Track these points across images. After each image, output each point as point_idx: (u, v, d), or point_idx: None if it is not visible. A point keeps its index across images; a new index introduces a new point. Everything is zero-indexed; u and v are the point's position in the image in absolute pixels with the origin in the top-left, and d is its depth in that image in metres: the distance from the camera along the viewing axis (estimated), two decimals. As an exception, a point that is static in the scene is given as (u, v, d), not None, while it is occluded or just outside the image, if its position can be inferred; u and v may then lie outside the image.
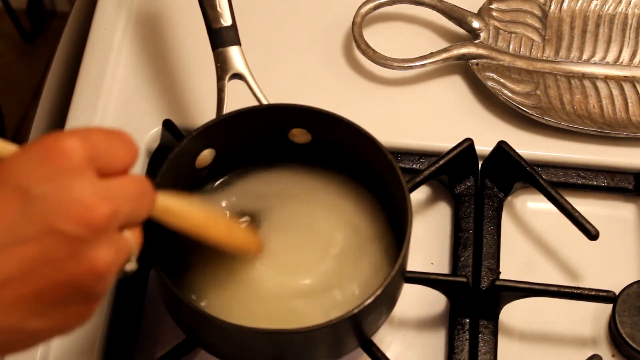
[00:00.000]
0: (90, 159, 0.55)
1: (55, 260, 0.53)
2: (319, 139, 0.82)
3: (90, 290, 0.55)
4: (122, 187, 0.57)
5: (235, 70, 0.85)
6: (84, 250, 0.54)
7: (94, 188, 0.54)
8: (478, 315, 0.83)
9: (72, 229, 0.53)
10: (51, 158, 0.54)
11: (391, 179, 0.77)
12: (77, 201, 0.53)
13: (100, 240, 0.54)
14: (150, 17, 1.00)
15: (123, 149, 0.58)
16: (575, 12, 0.98)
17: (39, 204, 0.53)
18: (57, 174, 0.53)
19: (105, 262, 0.54)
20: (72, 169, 0.54)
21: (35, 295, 0.53)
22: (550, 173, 0.91)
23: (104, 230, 0.54)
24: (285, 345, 0.74)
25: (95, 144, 0.56)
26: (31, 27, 1.81)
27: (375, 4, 0.97)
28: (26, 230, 0.52)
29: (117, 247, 0.56)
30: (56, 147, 0.54)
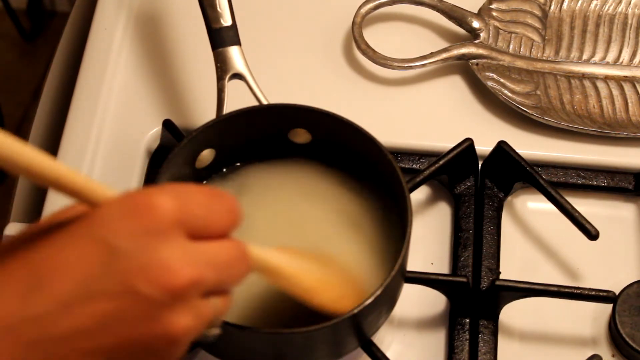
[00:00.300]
0: (182, 221, 0.53)
1: (130, 319, 0.52)
2: (319, 139, 0.82)
3: (162, 353, 0.54)
4: (213, 252, 0.55)
5: (235, 70, 0.85)
6: (160, 314, 0.53)
7: (180, 252, 0.53)
8: (478, 315, 0.83)
9: (150, 291, 0.52)
10: (140, 215, 0.52)
11: (391, 179, 0.77)
12: (159, 264, 0.52)
13: (180, 305, 0.53)
14: (150, 17, 1.00)
15: (223, 211, 0.56)
16: (575, 12, 0.98)
17: (122, 261, 0.52)
18: (144, 233, 0.52)
19: (181, 328, 0.53)
20: (160, 229, 0.52)
21: (106, 350, 0.53)
22: (550, 173, 0.91)
23: (185, 296, 0.53)
24: (285, 345, 0.74)
25: (191, 204, 0.54)
26: (31, 27, 1.81)
27: (375, 4, 0.97)
28: (105, 285, 0.52)
29: (198, 313, 0.54)
30: (147, 204, 0.53)
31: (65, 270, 0.52)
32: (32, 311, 0.51)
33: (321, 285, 0.70)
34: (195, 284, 0.53)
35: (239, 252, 0.57)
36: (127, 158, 0.92)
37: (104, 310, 0.52)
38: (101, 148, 0.92)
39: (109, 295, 0.52)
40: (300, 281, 0.67)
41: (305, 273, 0.68)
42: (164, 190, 0.54)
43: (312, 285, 0.69)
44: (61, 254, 0.52)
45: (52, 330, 0.51)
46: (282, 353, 0.75)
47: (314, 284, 0.69)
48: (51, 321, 0.51)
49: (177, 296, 0.53)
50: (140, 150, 0.92)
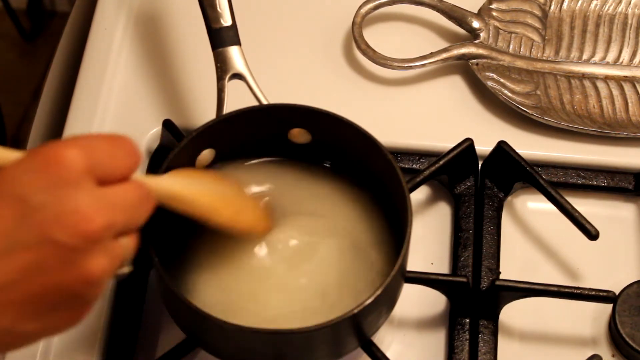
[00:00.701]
0: (90, 169, 0.55)
1: (49, 268, 0.54)
2: (319, 139, 0.82)
3: (82, 296, 0.56)
4: (120, 195, 0.57)
5: (235, 70, 0.85)
6: (77, 259, 0.55)
7: (91, 198, 0.55)
8: (478, 315, 0.83)
9: (66, 238, 0.54)
10: (50, 168, 0.54)
11: (391, 179, 0.77)
12: (73, 212, 0.54)
13: (95, 249, 0.55)
14: (150, 17, 1.00)
15: (124, 155, 0.58)
16: (575, 12, 0.98)
17: (36, 214, 0.53)
18: (55, 184, 0.54)
19: (98, 270, 0.55)
20: (70, 179, 0.54)
21: (28, 301, 0.54)
22: (550, 173, 0.91)
23: (99, 240, 0.55)
24: (285, 345, 0.74)
25: (95, 152, 0.56)
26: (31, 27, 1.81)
27: (375, 4, 0.97)
28: (22, 238, 0.53)
29: (112, 254, 0.56)
30: (55, 157, 0.55)
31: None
32: None
33: (220, 203, 0.73)
34: (107, 227, 0.55)
35: (142, 191, 0.59)
36: (127, 158, 0.92)
37: (23, 261, 0.54)
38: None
39: (26, 246, 0.53)
40: (200, 202, 0.70)
41: (203, 192, 0.71)
42: (69, 142, 0.56)
43: (211, 204, 0.71)
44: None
45: None
46: (282, 353, 0.75)
47: (213, 203, 0.71)
48: None
49: (91, 240, 0.54)
50: (140, 150, 0.92)
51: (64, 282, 0.55)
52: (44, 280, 0.54)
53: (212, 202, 0.71)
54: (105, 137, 0.59)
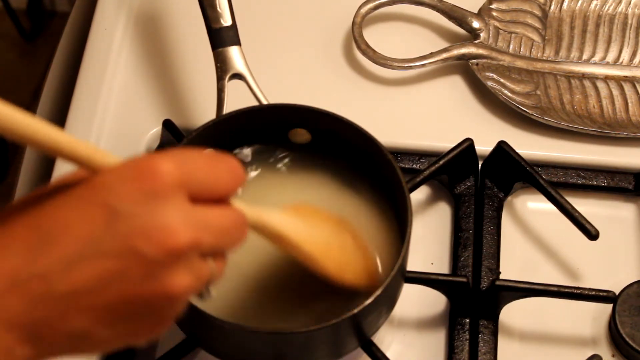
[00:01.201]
0: (184, 184, 0.55)
1: (130, 278, 0.54)
2: (319, 139, 0.82)
3: (160, 311, 0.56)
4: (213, 217, 0.57)
5: (235, 70, 0.85)
6: (159, 273, 0.54)
7: (180, 214, 0.55)
8: (478, 315, 0.83)
9: (150, 251, 0.54)
10: (143, 179, 0.54)
11: (391, 179, 0.77)
12: (160, 225, 0.54)
13: (179, 265, 0.55)
14: (150, 17, 1.00)
15: (225, 175, 0.58)
16: (575, 12, 0.98)
17: (124, 223, 0.54)
18: (146, 196, 0.54)
19: (179, 287, 0.55)
20: (162, 192, 0.54)
21: (106, 308, 0.55)
22: (550, 173, 0.91)
23: (183, 256, 0.55)
24: (285, 345, 0.74)
25: (192, 168, 0.56)
26: (31, 27, 1.81)
27: (375, 4, 0.97)
28: (108, 245, 0.54)
29: (196, 274, 0.56)
30: (150, 168, 0.55)
31: (70, 230, 0.54)
32: (37, 268, 0.53)
33: (324, 251, 0.72)
34: (194, 246, 0.55)
35: (237, 218, 0.59)
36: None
37: (105, 269, 0.54)
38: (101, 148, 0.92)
39: (110, 255, 0.54)
40: (302, 246, 0.69)
41: (308, 238, 0.70)
42: (166, 155, 0.56)
43: (314, 251, 0.70)
44: (66, 215, 0.54)
45: (56, 287, 0.53)
46: (282, 353, 0.75)
47: (316, 250, 0.71)
48: (55, 278, 0.53)
49: (176, 256, 0.54)
50: (140, 150, 0.92)
51: (143, 294, 0.55)
52: (124, 290, 0.54)
53: (315, 251, 0.70)
54: (206, 154, 0.58)
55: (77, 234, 0.54)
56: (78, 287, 0.54)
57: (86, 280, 0.54)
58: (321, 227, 0.73)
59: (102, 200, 0.54)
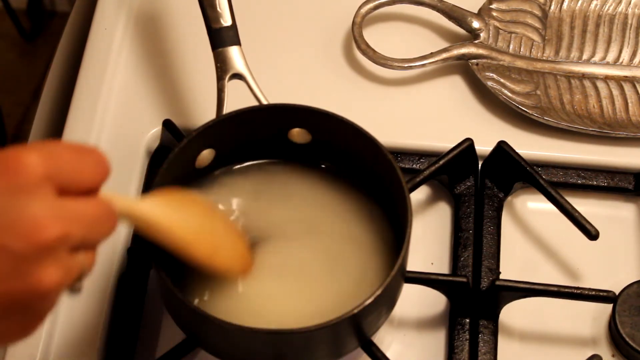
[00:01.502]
0: (50, 176, 0.54)
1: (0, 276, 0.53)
2: (319, 139, 0.82)
3: (31, 307, 0.55)
4: (81, 209, 0.56)
5: (235, 70, 0.85)
6: (28, 268, 0.53)
7: (47, 207, 0.53)
8: (478, 315, 0.83)
9: (18, 246, 0.52)
10: (8, 173, 0.53)
11: (391, 179, 0.77)
12: (27, 219, 0.53)
13: (48, 259, 0.54)
14: (150, 17, 1.00)
15: (91, 167, 0.57)
16: (575, 12, 0.98)
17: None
18: (11, 190, 0.53)
19: (49, 283, 0.54)
20: (28, 185, 0.53)
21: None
22: (550, 173, 0.91)
23: (52, 250, 0.53)
24: (285, 345, 0.74)
25: (58, 161, 0.55)
26: (31, 27, 1.81)
27: (375, 4, 0.97)
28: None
29: (65, 268, 0.55)
30: (14, 162, 0.53)
31: None
32: None
33: (195, 236, 0.70)
34: (62, 239, 0.54)
35: (105, 209, 0.58)
36: (127, 158, 0.92)
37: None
38: (101, 148, 0.92)
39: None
40: (172, 232, 0.67)
41: (179, 226, 0.68)
42: (31, 148, 0.54)
43: (184, 236, 0.68)
44: None
45: None
46: (282, 353, 0.75)
47: (187, 235, 0.69)
48: None
49: (44, 250, 0.53)
50: (140, 150, 0.92)
51: (12, 291, 0.53)
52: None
53: (186, 236, 0.69)
54: (72, 146, 0.57)
55: None
56: None
57: None
58: (192, 213, 0.71)
59: None
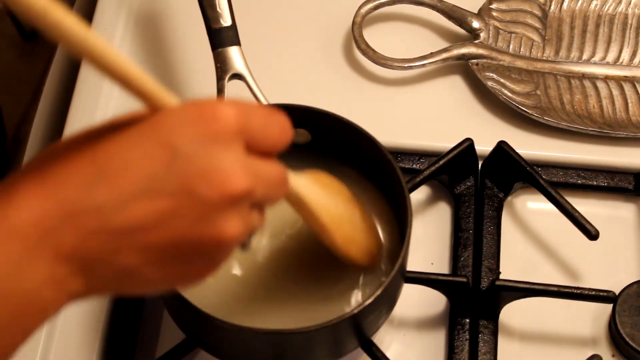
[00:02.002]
0: (243, 132, 0.55)
1: (185, 219, 0.54)
2: (319, 139, 0.82)
3: (210, 255, 0.56)
4: (264, 169, 0.57)
5: (235, 70, 0.85)
6: (214, 217, 0.54)
7: (239, 161, 0.55)
8: (478, 315, 0.83)
9: (209, 193, 0.54)
10: (205, 121, 0.54)
11: (391, 179, 0.77)
12: (220, 169, 0.54)
13: (232, 211, 0.55)
14: (150, 17, 1.00)
15: (278, 130, 0.59)
16: (575, 12, 0.98)
17: (184, 163, 0.53)
18: (207, 138, 0.54)
19: (232, 232, 0.55)
20: (223, 136, 0.54)
21: (160, 247, 0.54)
22: (550, 173, 0.91)
23: (239, 202, 0.55)
24: (285, 345, 0.74)
25: (251, 119, 0.56)
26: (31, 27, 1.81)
27: (375, 4, 0.97)
28: (166, 184, 0.53)
29: (245, 222, 0.56)
30: (212, 112, 0.55)
31: (130, 166, 0.53)
32: (92, 202, 0.53)
33: (337, 223, 0.72)
34: (249, 193, 0.55)
35: (283, 175, 0.60)
36: (127, 158, 0.91)
37: (162, 207, 0.53)
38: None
39: (168, 194, 0.53)
40: (320, 216, 0.70)
41: (327, 209, 0.71)
42: (228, 102, 0.56)
43: (328, 222, 0.71)
44: (125, 151, 0.54)
45: (111, 222, 0.53)
46: (281, 353, 0.75)
47: (331, 221, 0.71)
48: (110, 213, 0.53)
49: (231, 202, 0.54)
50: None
51: (196, 237, 0.54)
52: (178, 230, 0.54)
53: (330, 222, 0.71)
54: (263, 107, 0.59)
55: (136, 171, 0.53)
56: (133, 223, 0.53)
57: (142, 217, 0.53)
58: (336, 199, 0.74)
59: (164, 139, 0.54)
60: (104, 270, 0.54)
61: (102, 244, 0.53)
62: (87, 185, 0.53)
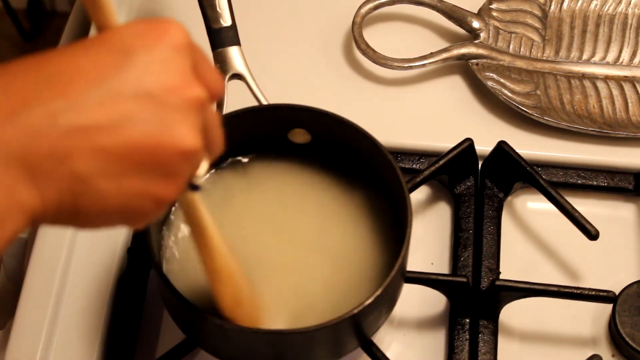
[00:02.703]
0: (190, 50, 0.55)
1: (143, 123, 0.52)
2: (319, 139, 0.82)
3: (171, 166, 0.53)
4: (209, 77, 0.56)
5: (235, 70, 0.85)
6: (173, 122, 0.53)
7: (190, 70, 0.54)
8: (478, 315, 0.83)
9: (168, 97, 0.52)
10: (156, 31, 0.54)
11: (391, 179, 0.77)
12: (176, 73, 0.53)
13: (191, 122, 0.53)
14: (150, 17, 1.00)
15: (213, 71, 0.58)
16: (575, 12, 0.98)
17: (139, 66, 0.52)
18: (160, 45, 0.53)
19: (191, 143, 0.53)
20: (174, 46, 0.54)
21: (114, 150, 0.51)
22: (550, 173, 0.91)
23: (196, 109, 0.54)
24: (285, 345, 0.74)
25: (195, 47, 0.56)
26: (31, 27, 1.81)
27: (375, 4, 0.97)
28: (122, 86, 0.51)
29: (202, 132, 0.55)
30: (163, 25, 0.54)
31: (82, 71, 0.51)
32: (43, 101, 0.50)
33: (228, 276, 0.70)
34: (204, 103, 0.54)
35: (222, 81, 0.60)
36: (127, 158, 0.91)
37: (117, 109, 0.51)
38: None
39: (125, 95, 0.51)
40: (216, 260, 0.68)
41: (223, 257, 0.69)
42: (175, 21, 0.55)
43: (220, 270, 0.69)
44: (75, 59, 0.52)
45: (61, 121, 0.50)
46: (281, 353, 0.75)
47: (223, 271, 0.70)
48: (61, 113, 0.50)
49: (189, 107, 0.53)
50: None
51: (155, 141, 0.52)
52: (134, 133, 0.51)
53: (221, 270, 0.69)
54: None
55: (89, 74, 0.51)
56: (85, 123, 0.50)
57: (96, 117, 0.50)
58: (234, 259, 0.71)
59: (115, 45, 0.52)
60: (55, 177, 0.50)
61: (51, 145, 0.49)
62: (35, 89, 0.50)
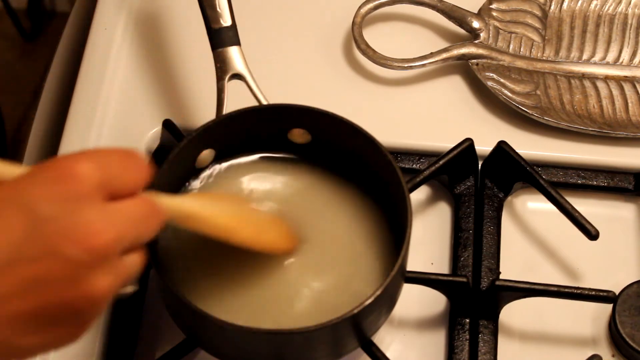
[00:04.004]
0: (102, 184, 0.55)
1: (53, 282, 0.53)
2: (319, 139, 0.82)
3: (83, 313, 0.56)
4: (129, 210, 0.57)
5: (235, 70, 0.85)
6: (83, 275, 0.54)
7: (102, 213, 0.55)
8: (478, 315, 0.83)
9: (74, 252, 0.53)
10: (63, 181, 0.54)
11: (391, 179, 0.77)
12: (83, 226, 0.53)
13: (101, 266, 0.54)
14: (150, 17, 1.00)
15: (135, 171, 0.58)
16: (575, 12, 0.98)
17: (45, 226, 0.53)
18: (66, 198, 0.53)
19: (103, 288, 0.55)
20: (83, 193, 0.54)
21: (30, 314, 0.54)
22: (550, 173, 0.91)
23: (107, 256, 0.54)
24: (285, 345, 0.74)
25: (108, 168, 0.56)
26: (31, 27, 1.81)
27: (375, 4, 0.97)
28: (30, 250, 0.53)
29: (117, 272, 0.56)
30: (69, 170, 0.54)
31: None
32: None
33: (239, 222, 0.72)
34: (116, 242, 0.55)
35: (151, 206, 0.59)
36: (127, 158, 0.91)
37: (29, 274, 0.53)
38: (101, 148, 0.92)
39: (34, 259, 0.53)
40: (217, 221, 0.70)
41: (221, 213, 0.70)
42: (83, 156, 0.55)
43: (229, 224, 0.71)
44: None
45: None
46: (281, 353, 0.75)
47: (231, 223, 0.71)
48: None
49: (99, 256, 0.54)
50: (140, 150, 0.92)
51: (67, 298, 0.54)
52: (47, 295, 0.53)
53: (229, 222, 0.71)
54: (117, 151, 0.58)
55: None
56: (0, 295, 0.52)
57: (8, 286, 0.52)
58: (229, 204, 0.74)
59: (22, 203, 0.53)
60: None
61: None
62: None
